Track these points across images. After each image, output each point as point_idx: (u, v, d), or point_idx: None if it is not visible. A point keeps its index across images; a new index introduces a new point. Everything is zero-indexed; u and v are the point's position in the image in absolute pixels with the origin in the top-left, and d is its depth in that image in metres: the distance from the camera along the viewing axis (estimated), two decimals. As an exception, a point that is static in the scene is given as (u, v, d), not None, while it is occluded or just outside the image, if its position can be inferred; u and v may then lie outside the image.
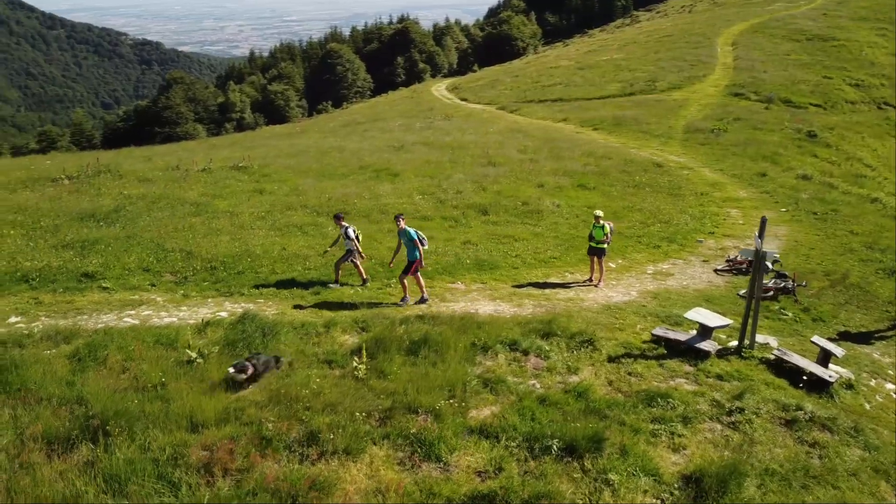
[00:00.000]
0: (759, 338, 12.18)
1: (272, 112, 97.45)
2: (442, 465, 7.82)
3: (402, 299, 13.24)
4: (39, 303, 12.03)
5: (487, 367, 10.44)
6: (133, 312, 11.85)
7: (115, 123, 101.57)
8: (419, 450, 7.94)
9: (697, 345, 11.50)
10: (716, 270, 16.60)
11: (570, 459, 8.08)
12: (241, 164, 24.97)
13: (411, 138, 37.19)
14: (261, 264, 14.49)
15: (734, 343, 11.97)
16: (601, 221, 15.02)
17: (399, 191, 22.58)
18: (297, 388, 8.71)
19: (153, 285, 13.26)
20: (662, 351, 11.50)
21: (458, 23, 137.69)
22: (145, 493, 6.51)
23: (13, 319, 11.23)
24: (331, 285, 13.93)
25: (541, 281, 15.27)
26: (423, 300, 13.31)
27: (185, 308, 12.19)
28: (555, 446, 8.17)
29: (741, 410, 9.59)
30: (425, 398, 8.88)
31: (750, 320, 11.72)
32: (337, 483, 7.13)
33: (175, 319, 11.56)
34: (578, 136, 37.48)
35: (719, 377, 10.69)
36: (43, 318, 11.29)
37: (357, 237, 14.13)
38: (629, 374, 10.65)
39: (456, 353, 10.49)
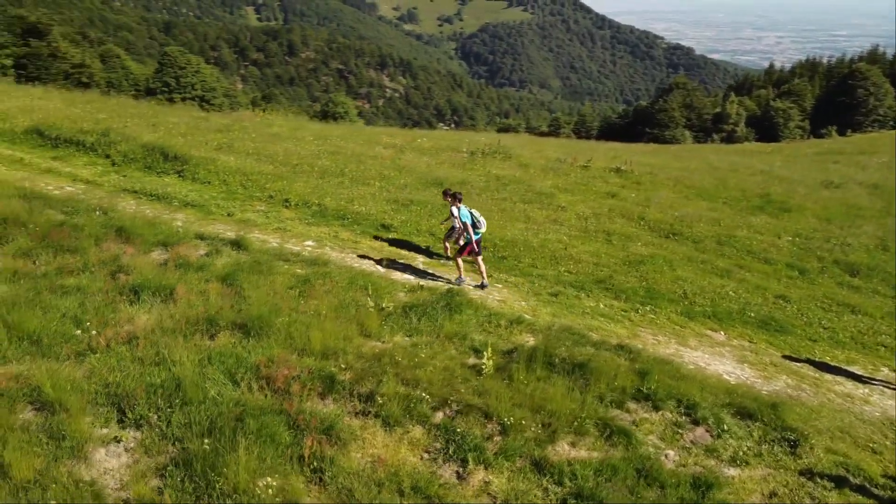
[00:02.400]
0: None
1: (767, 129, 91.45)
2: (461, 470, 7.59)
3: (458, 278, 13.25)
4: (336, 237, 14.97)
5: (634, 417, 9.23)
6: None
7: (613, 119, 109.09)
8: (451, 447, 7.83)
9: (954, 509, 8.02)
10: None
11: (593, 535, 6.92)
12: (621, 168, 25.14)
13: (867, 177, 31.57)
14: (527, 255, 14.96)
15: None
16: (931, 313, 11.13)
17: (766, 226, 19.90)
18: (402, 354, 9.32)
19: (427, 247, 15.05)
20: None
21: None
22: (213, 379, 8.18)
23: (308, 243, 14.32)
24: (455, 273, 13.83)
25: (833, 364, 12.12)
26: (482, 285, 13.17)
27: (430, 272, 13.65)
28: (587, 513, 7.10)
29: None
30: (508, 410, 8.52)
31: None
32: (351, 440, 7.65)
33: (412, 278, 13.12)
34: None
35: (953, 562, 7.37)
36: (327, 248, 14.11)
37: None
38: (811, 496, 8.16)
39: (607, 388, 9.54)
